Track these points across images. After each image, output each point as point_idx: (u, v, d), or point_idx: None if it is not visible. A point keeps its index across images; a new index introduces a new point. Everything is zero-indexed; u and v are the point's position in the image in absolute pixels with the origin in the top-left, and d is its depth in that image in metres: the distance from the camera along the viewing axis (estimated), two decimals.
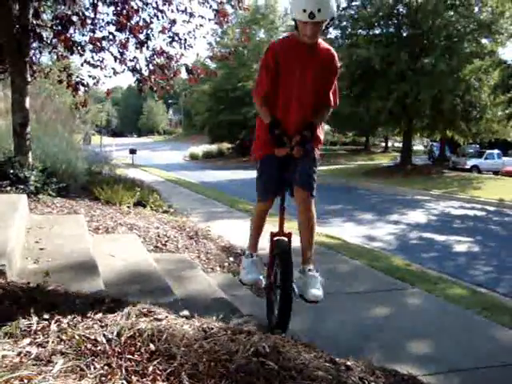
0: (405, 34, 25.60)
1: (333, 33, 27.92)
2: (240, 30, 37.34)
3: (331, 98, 3.59)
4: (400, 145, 33.95)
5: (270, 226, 3.84)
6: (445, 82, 22.09)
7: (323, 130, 3.78)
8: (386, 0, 24.96)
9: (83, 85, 8.66)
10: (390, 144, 47.16)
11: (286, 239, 3.62)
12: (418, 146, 42.29)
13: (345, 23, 26.82)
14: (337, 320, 3.88)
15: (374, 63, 22.50)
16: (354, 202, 14.20)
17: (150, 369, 1.87)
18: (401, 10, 25.38)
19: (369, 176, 23.86)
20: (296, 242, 3.55)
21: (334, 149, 43.10)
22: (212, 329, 2.34)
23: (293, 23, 3.43)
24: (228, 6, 8.89)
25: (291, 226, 3.82)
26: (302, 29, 3.31)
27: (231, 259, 5.38)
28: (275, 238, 3.66)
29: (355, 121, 28.00)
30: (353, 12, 26.59)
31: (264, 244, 3.80)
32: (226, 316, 2.85)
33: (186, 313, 2.91)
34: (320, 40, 3.47)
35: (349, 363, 2.51)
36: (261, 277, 3.68)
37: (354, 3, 26.67)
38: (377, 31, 26.41)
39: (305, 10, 3.15)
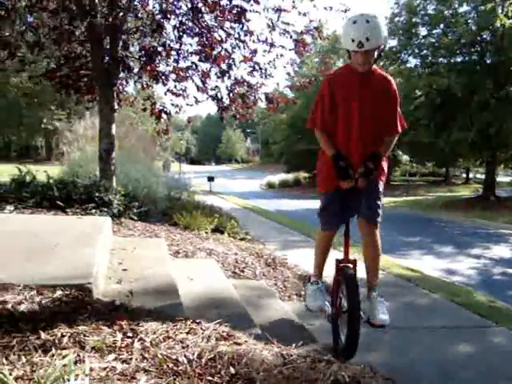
0: (488, 62, 24.77)
1: (412, 62, 27.60)
2: (319, 60, 37.56)
3: (395, 125, 3.53)
4: (482, 176, 32.80)
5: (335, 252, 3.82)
6: None
7: (387, 160, 3.72)
8: (468, 27, 24.40)
9: (166, 113, 8.97)
10: (471, 175, 45.60)
11: (351, 266, 3.59)
12: (502, 177, 40.72)
13: (425, 51, 26.38)
14: (416, 355, 3.71)
15: (455, 91, 21.94)
16: (433, 235, 13.74)
17: None
18: (484, 36, 24.64)
19: (449, 208, 23.08)
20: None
21: (412, 180, 42.16)
22: (291, 356, 2.31)
23: None
24: (308, 36, 8.97)
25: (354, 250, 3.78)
26: (353, 58, 3.33)
27: None
28: (341, 265, 3.63)
29: (435, 151, 27.30)
30: (433, 40, 26.08)
31: (327, 272, 3.79)
32: (305, 344, 2.81)
33: (259, 331, 2.91)
34: (375, 67, 3.46)
35: None
36: (327, 303, 3.66)
37: (434, 31, 26.18)
38: (458, 59, 25.64)
39: (353, 40, 3.17)
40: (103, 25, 7.37)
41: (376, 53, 3.33)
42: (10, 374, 1.73)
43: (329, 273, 3.80)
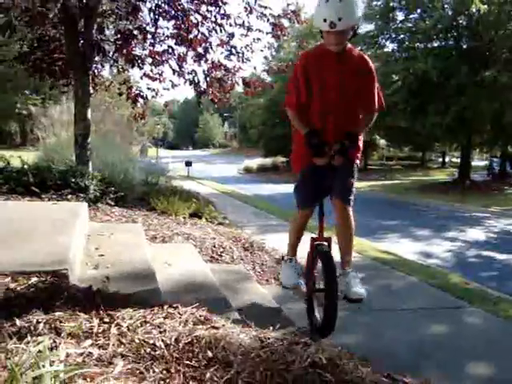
0: (465, 47, 24.99)
1: (389, 46, 27.68)
2: (296, 44, 37.47)
3: (374, 103, 3.53)
4: (458, 160, 33.17)
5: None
6: (507, 96, 21.42)
7: (362, 138, 3.72)
8: (445, 12, 24.53)
9: (142, 97, 8.91)
10: (447, 159, 46.14)
11: (326, 243, 3.61)
12: (477, 161, 41.20)
13: (402, 36, 26.50)
14: (392, 336, 3.77)
15: (432, 76, 22.08)
16: (410, 218, 13.87)
17: (208, 375, 1.89)
18: (461, 21, 24.79)
19: (425, 192, 23.33)
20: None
21: (389, 164, 42.43)
22: (269, 339, 2.33)
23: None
24: (285, 20, 8.93)
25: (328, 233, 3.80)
26: (326, 38, 3.32)
27: None
28: (316, 243, 3.65)
29: (411, 135, 27.60)
30: (410, 25, 26.17)
31: (302, 253, 3.83)
32: (282, 327, 2.83)
33: (237, 315, 2.93)
34: (350, 46, 3.46)
35: (406, 380, 2.46)
36: (301, 281, 3.70)
37: (411, 16, 26.27)
38: (435, 44, 25.78)
39: (325, 20, 3.15)
40: (77, 7, 7.25)
41: (350, 32, 3.32)
42: None
43: (303, 254, 3.81)
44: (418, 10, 25.89)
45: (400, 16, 26.44)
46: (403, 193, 22.96)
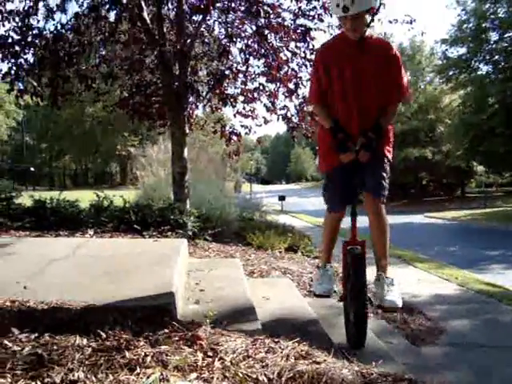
0: None
1: (483, 69, 26.81)
2: None
3: (401, 91, 3.39)
4: None
5: None
6: None
7: (393, 129, 3.57)
8: None
9: (236, 134, 9.11)
10: None
11: (359, 247, 3.42)
12: None
13: (497, 57, 25.60)
14: (503, 376, 3.51)
15: None
16: None
17: None
18: None
19: None
20: None
21: (489, 191, 40.59)
22: (371, 374, 2.28)
23: (438, 62, 3.32)
24: None
25: None
26: (343, 25, 3.22)
27: None
28: (348, 247, 3.46)
29: None
30: (506, 44, 25.25)
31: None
32: (384, 363, 2.76)
33: (337, 351, 2.88)
34: (371, 33, 3.32)
35: None
36: (335, 287, 3.56)
37: (506, 35, 25.36)
38: None
39: (338, 5, 3.06)
40: (172, 52, 7.61)
41: (368, 17, 3.20)
42: None
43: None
44: None
45: (494, 36, 25.64)
46: (506, 221, 21.84)
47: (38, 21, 7.29)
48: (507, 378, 3.48)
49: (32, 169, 39.41)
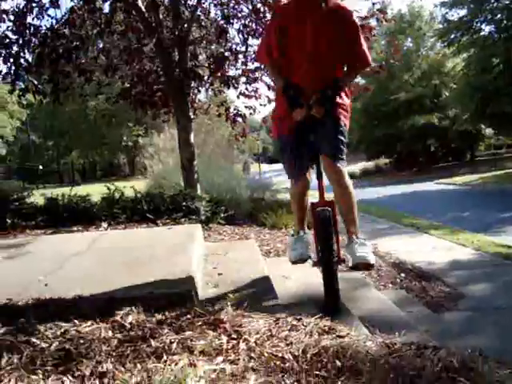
0: None
1: (486, 29, 26.41)
2: (386, 42, 36.79)
3: (363, 56, 3.35)
4: None
5: None
6: None
7: (350, 96, 3.50)
8: None
9: (240, 116, 9.09)
10: None
11: (327, 207, 3.31)
12: None
13: (499, 16, 25.17)
14: None
15: None
16: None
17: None
18: None
19: None
20: None
21: (499, 152, 40.29)
22: (395, 344, 2.29)
23: (439, 26, 3.26)
24: (372, 20, 8.80)
25: None
26: None
27: (402, 275, 5.24)
28: (317, 209, 3.36)
29: None
30: (507, 1, 24.79)
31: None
32: (407, 332, 2.77)
33: (360, 323, 2.89)
34: None
35: None
36: (310, 253, 3.48)
37: None
38: None
39: None
40: (170, 38, 7.57)
41: None
42: (130, 381, 1.83)
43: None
44: None
45: None
46: None
47: (34, 18, 7.26)
48: None
49: (40, 167, 39.65)
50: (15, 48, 7.21)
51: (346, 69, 3.45)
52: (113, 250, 4.13)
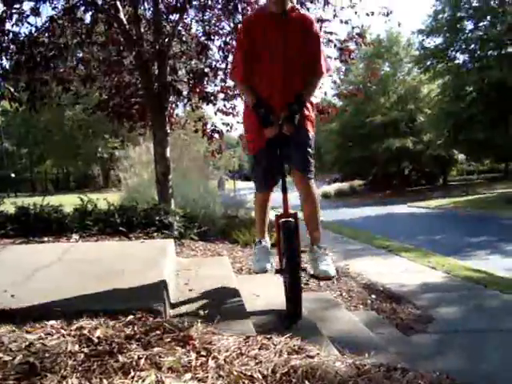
0: None
1: (460, 58, 27.04)
2: (364, 65, 37.30)
3: (320, 66, 3.40)
4: None
5: None
6: None
7: (314, 108, 3.62)
8: None
9: (217, 132, 9.11)
10: None
11: (292, 220, 3.44)
12: None
13: (473, 46, 25.81)
14: (494, 360, 3.56)
15: (509, 84, 21.29)
16: (498, 233, 13.29)
17: None
18: None
19: None
20: None
21: (471, 178, 40.92)
22: (365, 365, 2.29)
23: (416, 53, 3.35)
24: (351, 43, 8.93)
25: None
26: None
27: (373, 296, 5.26)
28: (280, 221, 3.48)
29: (492, 147, 26.59)
30: (481, 33, 25.47)
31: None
32: (377, 353, 2.77)
33: (329, 344, 2.89)
34: (293, 6, 3.32)
35: None
36: (271, 263, 3.66)
37: (481, 24, 25.60)
38: (510, 49, 24.89)
39: None
40: (150, 52, 7.57)
41: None
42: None
43: None
44: (488, 17, 25.22)
45: (469, 25, 25.92)
46: (488, 207, 22.03)
47: (13, 25, 7.20)
48: (495, 360, 3.52)
49: (12, 175, 39.03)
50: None
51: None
52: (84, 262, 4.06)
